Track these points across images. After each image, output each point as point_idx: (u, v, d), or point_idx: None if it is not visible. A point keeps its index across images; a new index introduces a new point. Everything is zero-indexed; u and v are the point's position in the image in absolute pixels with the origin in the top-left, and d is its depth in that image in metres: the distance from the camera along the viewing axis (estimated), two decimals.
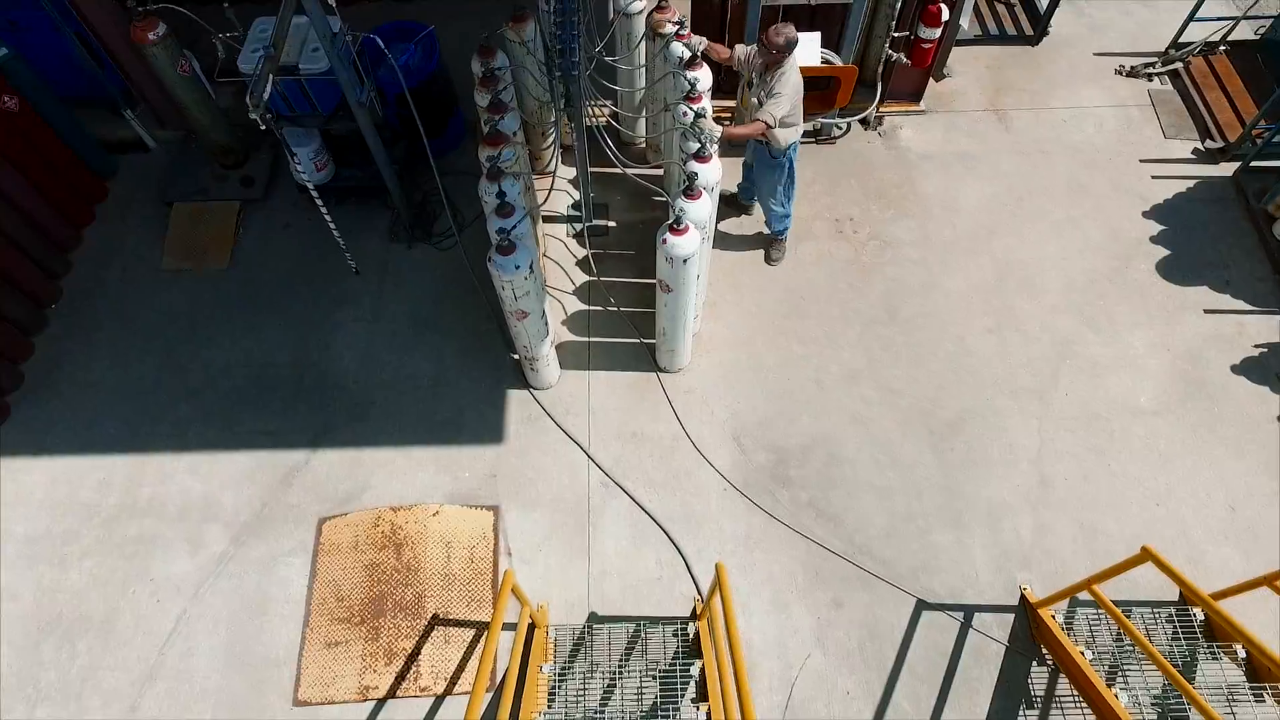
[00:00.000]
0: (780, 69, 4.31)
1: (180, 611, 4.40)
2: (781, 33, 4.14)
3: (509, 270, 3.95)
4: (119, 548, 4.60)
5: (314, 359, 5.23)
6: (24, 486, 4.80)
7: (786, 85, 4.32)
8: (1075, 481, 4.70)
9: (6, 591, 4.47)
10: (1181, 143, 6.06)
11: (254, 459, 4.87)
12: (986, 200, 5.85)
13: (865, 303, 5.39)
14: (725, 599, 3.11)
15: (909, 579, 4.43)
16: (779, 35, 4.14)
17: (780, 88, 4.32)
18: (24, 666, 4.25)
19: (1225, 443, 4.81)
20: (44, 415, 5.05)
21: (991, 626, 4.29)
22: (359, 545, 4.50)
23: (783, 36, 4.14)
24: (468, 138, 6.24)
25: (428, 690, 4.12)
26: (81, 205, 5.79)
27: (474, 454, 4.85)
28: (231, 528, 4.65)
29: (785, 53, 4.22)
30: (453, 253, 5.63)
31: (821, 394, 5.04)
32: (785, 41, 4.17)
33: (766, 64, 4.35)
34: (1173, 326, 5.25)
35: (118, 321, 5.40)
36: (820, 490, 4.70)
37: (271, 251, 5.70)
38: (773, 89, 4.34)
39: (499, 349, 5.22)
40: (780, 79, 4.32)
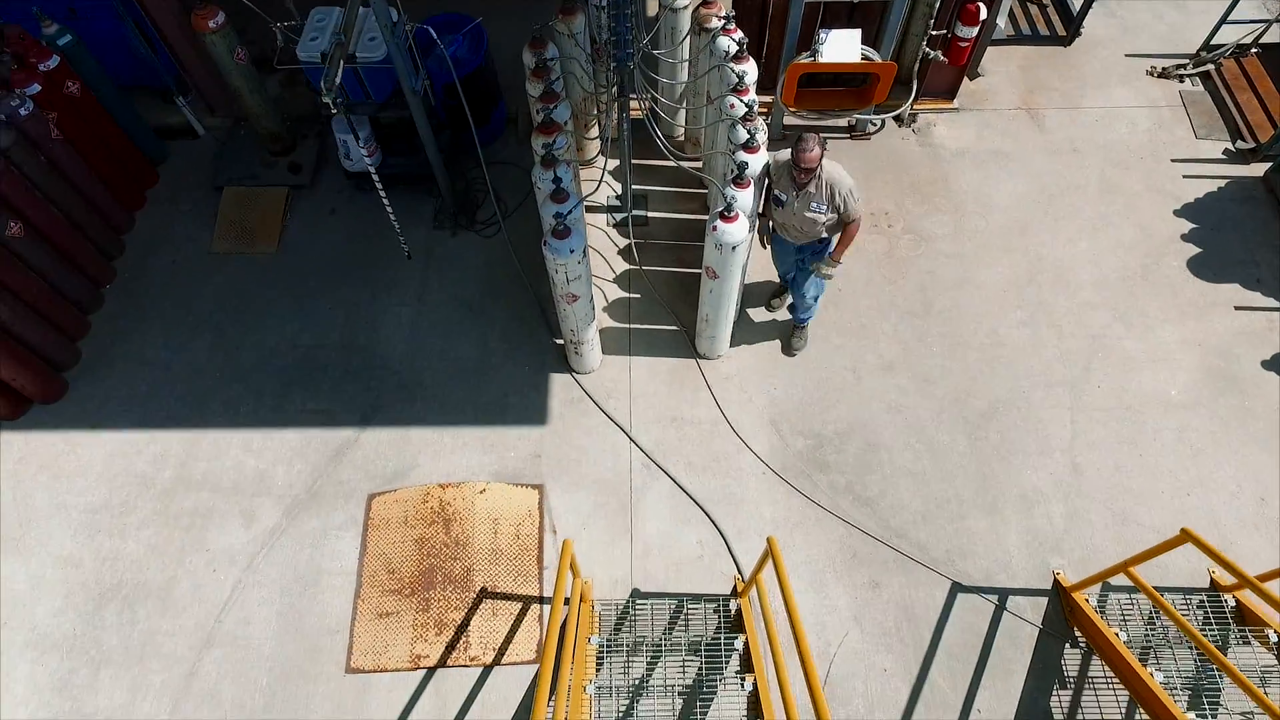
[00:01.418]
0: (821, 174, 4.13)
1: (236, 581, 4.55)
2: (813, 148, 3.96)
3: (563, 254, 4.08)
4: (175, 519, 4.74)
5: (361, 341, 5.37)
6: (83, 459, 4.95)
7: (840, 178, 4.15)
8: (1107, 471, 4.79)
9: (68, 559, 4.62)
10: (1212, 143, 6.14)
11: (304, 436, 5.01)
12: (1019, 197, 5.94)
13: (900, 295, 5.50)
14: (779, 569, 3.22)
15: (944, 562, 4.53)
16: (810, 151, 3.96)
17: (839, 185, 4.14)
18: (87, 630, 4.40)
19: (1256, 436, 4.89)
20: (100, 392, 5.21)
21: (1025, 609, 4.39)
22: (408, 520, 4.63)
23: (815, 150, 3.97)
24: (508, 130, 6.37)
25: (477, 660, 4.25)
26: (135, 189, 5.94)
27: (519, 434, 4.97)
28: (284, 502, 4.79)
29: (820, 161, 4.05)
30: (495, 240, 5.76)
31: (858, 383, 5.15)
32: (819, 153, 4.00)
33: (806, 179, 4.14)
34: (1204, 322, 5.33)
35: (170, 302, 5.55)
36: (857, 475, 4.81)
37: (318, 236, 5.85)
38: (838, 193, 4.16)
39: (542, 334, 5.35)
40: (826, 181, 4.15)
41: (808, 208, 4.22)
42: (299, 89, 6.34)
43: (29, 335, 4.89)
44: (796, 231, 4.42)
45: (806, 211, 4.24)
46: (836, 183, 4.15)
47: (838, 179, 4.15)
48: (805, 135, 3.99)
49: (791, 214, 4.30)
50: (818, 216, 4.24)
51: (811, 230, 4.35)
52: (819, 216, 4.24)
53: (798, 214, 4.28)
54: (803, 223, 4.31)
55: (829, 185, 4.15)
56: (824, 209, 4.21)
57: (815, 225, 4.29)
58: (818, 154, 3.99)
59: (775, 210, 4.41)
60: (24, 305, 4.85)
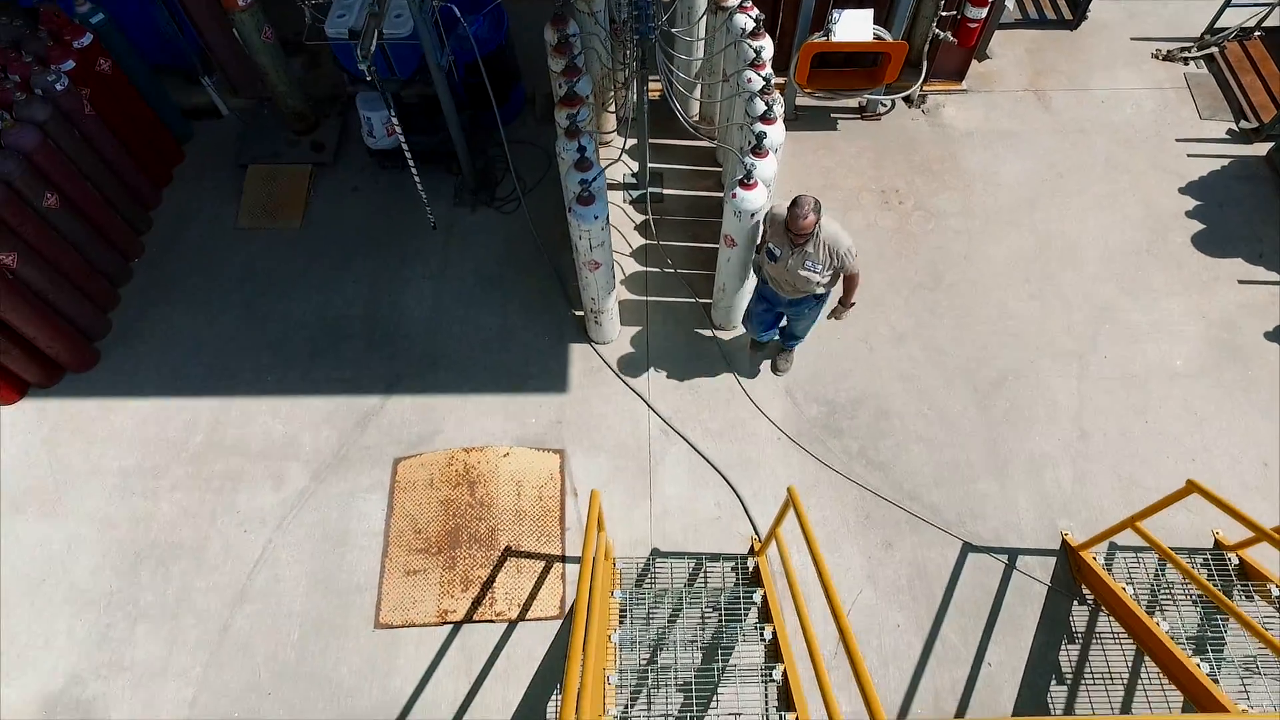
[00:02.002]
0: (820, 234, 3.97)
1: (266, 541, 4.68)
2: (808, 214, 3.79)
3: (588, 220, 4.21)
4: (206, 482, 4.88)
5: (385, 313, 5.50)
6: (116, 425, 5.09)
7: (839, 237, 4.00)
8: (1114, 437, 4.92)
9: (104, 520, 4.75)
10: (1216, 123, 6.27)
11: (331, 404, 5.14)
12: (1027, 175, 6.07)
13: (911, 269, 5.62)
14: (800, 514, 3.35)
15: (955, 524, 4.66)
16: (806, 219, 3.79)
17: (838, 244, 3.99)
18: (124, 587, 4.53)
19: (1258, 404, 5.02)
20: (132, 361, 5.34)
21: (1034, 568, 4.52)
22: (434, 483, 4.76)
23: (810, 217, 3.80)
24: (526, 110, 6.50)
25: (502, 615, 4.38)
26: (162, 166, 6.08)
27: (539, 402, 5.11)
28: (311, 466, 4.92)
29: (815, 226, 3.88)
30: (514, 216, 5.90)
31: (870, 353, 5.27)
32: (814, 220, 3.83)
33: (803, 240, 3.97)
34: (1208, 295, 5.46)
35: (198, 275, 5.69)
36: (870, 441, 4.93)
37: (341, 212, 5.98)
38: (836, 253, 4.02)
39: (561, 306, 5.48)
40: (824, 241, 3.99)
41: (802, 265, 4.05)
42: (321, 70, 6.48)
43: (63, 304, 5.03)
44: (789, 288, 4.26)
45: (801, 270, 4.06)
46: (835, 242, 3.98)
47: (836, 238, 3.98)
48: (800, 199, 3.80)
49: (785, 270, 4.13)
50: (812, 275, 4.07)
51: (805, 288, 4.18)
52: (814, 275, 4.07)
53: (791, 271, 4.10)
54: (796, 279, 4.14)
55: (827, 245, 3.99)
56: (819, 269, 4.04)
57: (809, 283, 4.13)
58: (813, 220, 3.81)
59: (767, 263, 4.22)
60: (59, 275, 4.99)
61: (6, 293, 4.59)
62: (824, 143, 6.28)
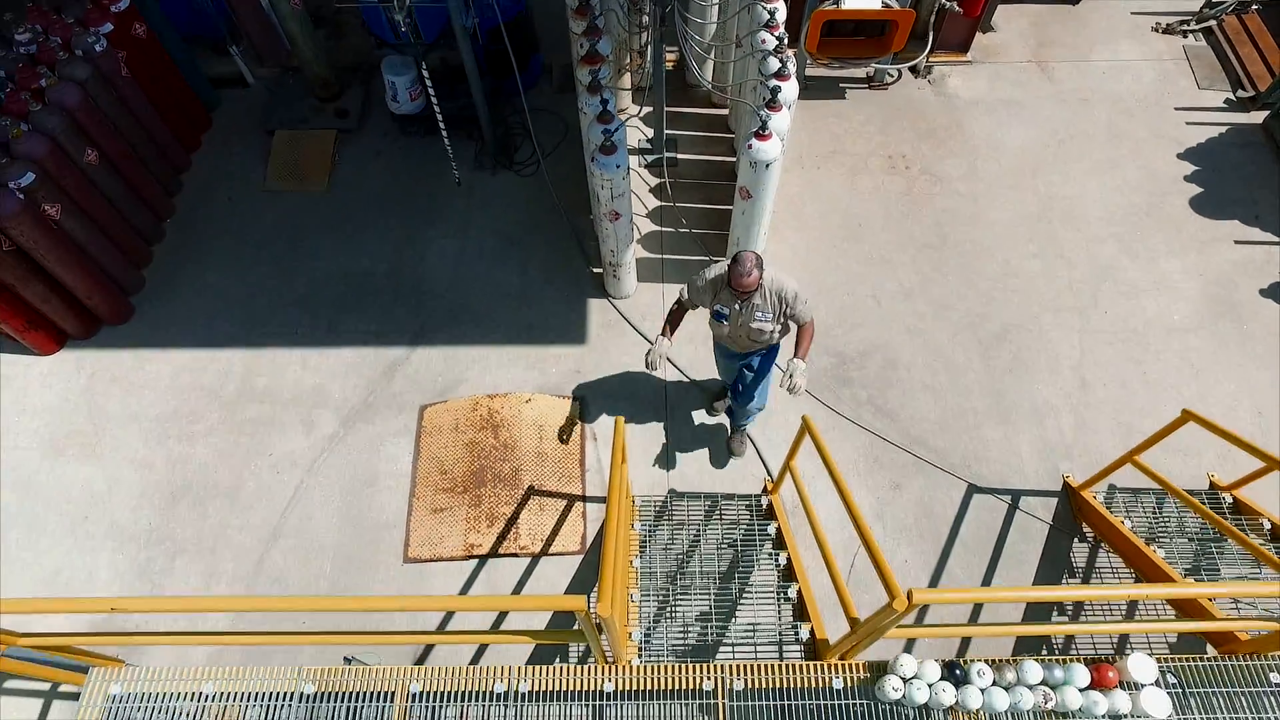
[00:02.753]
0: (764, 285, 3.79)
1: (298, 482, 4.87)
2: (750, 270, 3.57)
3: (610, 169, 4.40)
4: (239, 427, 5.07)
5: (409, 270, 5.69)
6: (151, 374, 5.28)
7: (784, 283, 3.82)
8: (1114, 387, 5.10)
9: (143, 462, 4.95)
10: (1215, 93, 6.45)
11: (358, 355, 5.33)
12: (1030, 142, 6.25)
13: (918, 230, 5.81)
14: (815, 438, 3.54)
15: (960, 467, 4.84)
16: (748, 276, 3.57)
17: (785, 290, 3.82)
18: (163, 524, 4.73)
19: (1253, 357, 5.20)
20: (165, 315, 5.54)
21: (1036, 508, 4.70)
22: (459, 427, 4.96)
23: (754, 274, 3.59)
24: (543, 80, 6.69)
25: (526, 549, 4.57)
26: (191, 132, 6.28)
27: (559, 353, 5.30)
28: (340, 413, 5.12)
29: (759, 282, 3.67)
30: (532, 180, 6.09)
31: (878, 308, 5.46)
32: (758, 276, 3.62)
33: (748, 295, 3.79)
34: (1205, 255, 5.64)
35: (228, 234, 5.88)
36: (878, 389, 5.12)
37: (366, 176, 6.18)
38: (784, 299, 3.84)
39: (579, 263, 5.67)
40: (770, 290, 3.82)
41: (753, 319, 3.89)
42: (345, 41, 6.68)
43: (102, 257, 5.22)
44: (744, 342, 4.12)
45: (753, 323, 3.91)
46: (782, 289, 3.80)
47: (782, 284, 3.81)
48: (740, 256, 3.58)
49: (737, 327, 3.98)
50: (765, 325, 3.92)
51: (760, 339, 4.03)
52: (766, 325, 3.92)
53: (743, 326, 3.95)
54: (749, 333, 3.99)
55: (774, 294, 3.82)
56: (770, 318, 3.89)
57: (764, 334, 3.98)
58: (756, 277, 3.60)
59: (716, 327, 4.09)
60: (98, 229, 5.18)
61: (51, 242, 4.79)
62: (833, 111, 6.47)
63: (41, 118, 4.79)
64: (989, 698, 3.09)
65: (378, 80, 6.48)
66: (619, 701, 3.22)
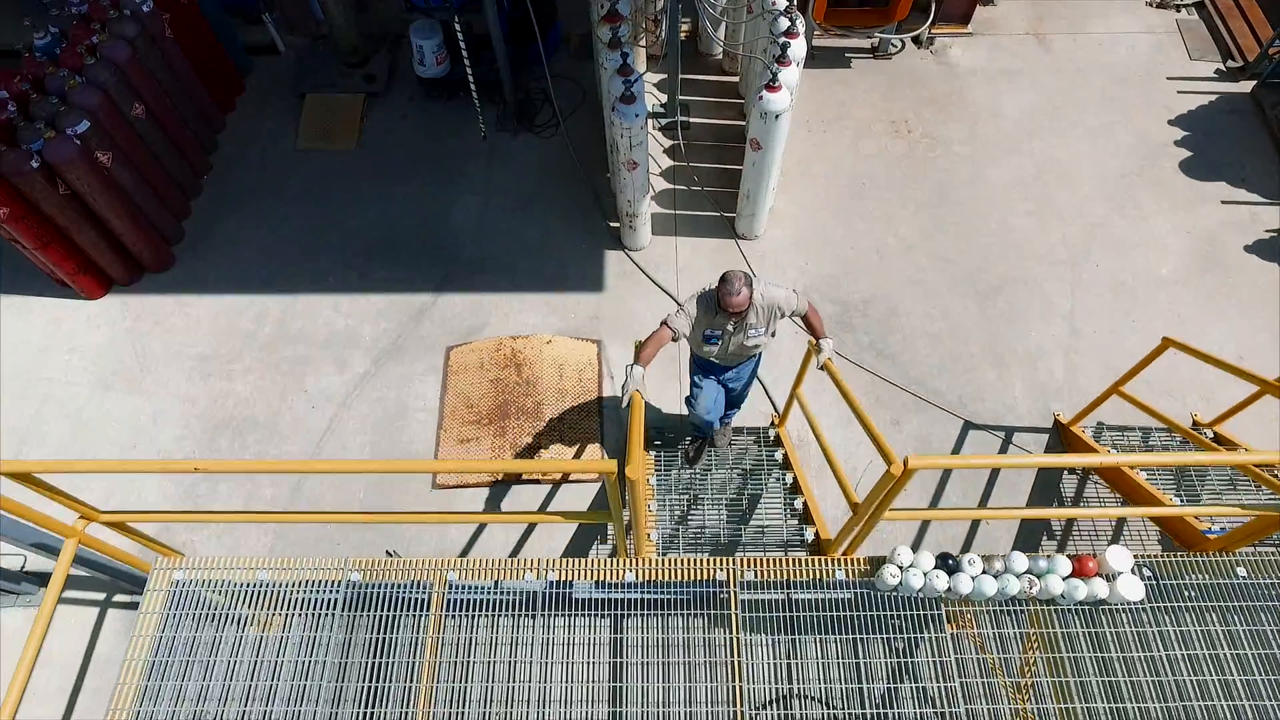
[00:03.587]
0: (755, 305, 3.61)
1: (332, 415, 5.17)
2: (740, 289, 3.43)
3: (629, 118, 4.69)
4: (276, 366, 5.37)
5: (435, 224, 6.00)
6: (192, 318, 5.59)
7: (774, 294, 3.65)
8: (1103, 334, 5.38)
9: (184, 397, 5.25)
10: (1205, 64, 6.72)
11: (387, 300, 5.64)
12: (1028, 109, 6.53)
13: (919, 189, 6.09)
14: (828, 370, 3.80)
15: (957, 406, 5.13)
16: (736, 294, 3.42)
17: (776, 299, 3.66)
18: (204, 453, 5.03)
19: (1237, 307, 5.47)
20: (204, 263, 5.85)
21: (1028, 443, 4.99)
22: (484, 365, 5.25)
23: (742, 293, 3.44)
24: (561, 49, 6.99)
25: (547, 476, 4.86)
26: (226, 94, 6.59)
27: (578, 300, 5.59)
28: (371, 353, 5.42)
29: (749, 298, 3.50)
30: (552, 141, 6.38)
31: (881, 261, 5.75)
32: (748, 294, 3.47)
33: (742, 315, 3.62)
34: (1193, 213, 5.92)
35: (262, 190, 6.19)
36: (880, 335, 5.41)
37: (393, 137, 6.48)
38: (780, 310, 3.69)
39: (596, 218, 5.97)
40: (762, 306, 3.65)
41: (747, 336, 3.77)
42: (372, 10, 6.97)
43: (146, 206, 5.53)
44: (734, 357, 4.00)
45: (747, 340, 3.79)
46: (774, 301, 3.65)
47: (774, 297, 3.65)
48: (728, 275, 3.44)
49: (728, 345, 3.83)
50: (759, 340, 3.82)
51: (752, 350, 3.94)
52: (761, 339, 3.83)
53: (735, 344, 3.82)
54: (741, 349, 3.87)
55: (766, 309, 3.67)
56: (763, 330, 3.77)
57: (757, 346, 3.90)
58: (746, 295, 3.45)
59: (705, 350, 3.89)
60: (143, 179, 5.49)
61: (103, 188, 5.09)
62: (839, 79, 6.75)
63: (94, 71, 5.09)
64: (979, 584, 3.37)
65: (403, 48, 6.78)
66: (636, 613, 3.49)
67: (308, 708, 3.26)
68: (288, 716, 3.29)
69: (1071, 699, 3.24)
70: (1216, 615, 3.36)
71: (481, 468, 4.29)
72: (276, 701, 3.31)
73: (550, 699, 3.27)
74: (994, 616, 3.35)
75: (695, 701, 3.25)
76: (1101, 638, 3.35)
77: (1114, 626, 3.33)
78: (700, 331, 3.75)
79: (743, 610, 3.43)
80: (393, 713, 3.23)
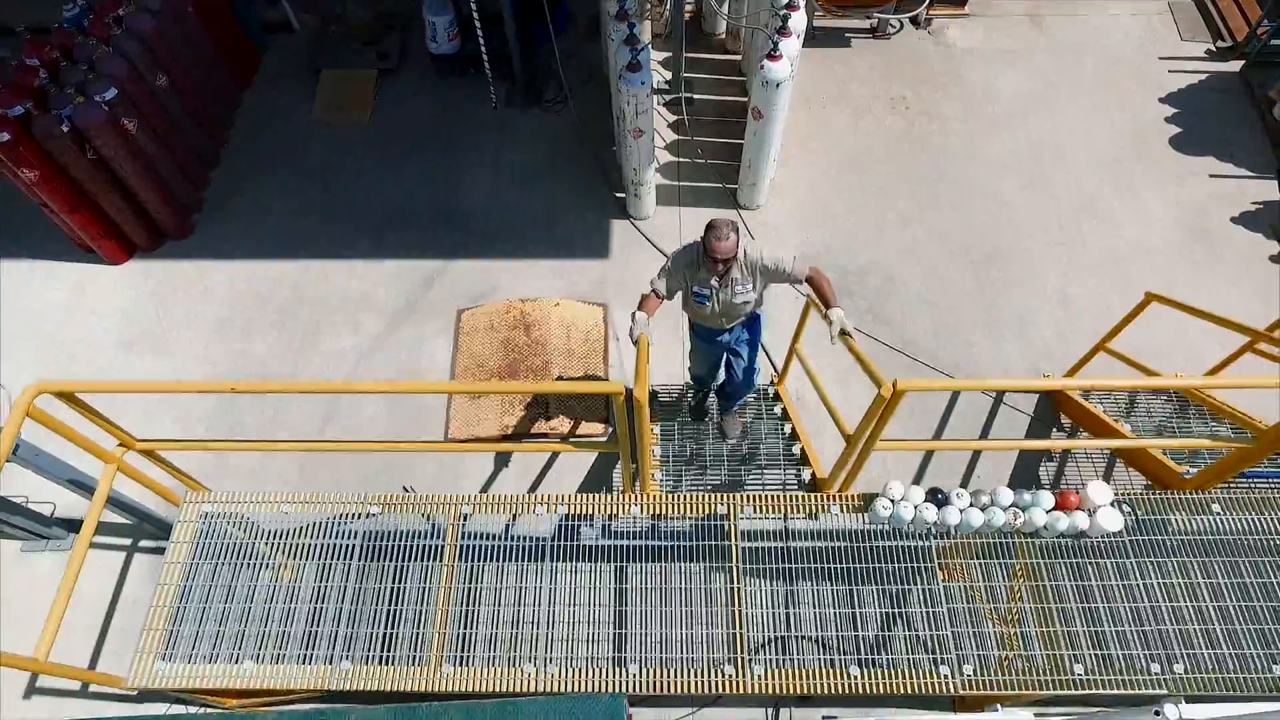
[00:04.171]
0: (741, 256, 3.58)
1: (347, 374, 5.36)
2: (728, 235, 3.41)
3: (635, 85, 4.88)
4: (293, 328, 5.57)
5: (445, 194, 6.19)
6: (211, 283, 5.79)
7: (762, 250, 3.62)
8: (1093, 300, 5.56)
9: (205, 357, 5.45)
10: (1196, 44, 6.90)
11: (399, 266, 5.83)
12: (1023, 88, 6.71)
13: (916, 164, 6.28)
14: None
15: (951, 367, 5.30)
16: (725, 240, 3.40)
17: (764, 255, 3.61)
18: (225, 410, 5.22)
19: (1223, 276, 5.65)
20: (222, 231, 6.04)
21: (1019, 402, 5.17)
22: (494, 326, 5.44)
23: (731, 238, 3.42)
24: (569, 29, 7.18)
25: (555, 430, 5.05)
26: (244, 71, 6.79)
27: (584, 265, 5.78)
28: (385, 316, 5.61)
29: (736, 244, 3.48)
30: (559, 116, 6.58)
31: (879, 232, 5.93)
32: (735, 240, 3.45)
33: (726, 267, 3.58)
34: (1182, 188, 6.09)
35: (278, 161, 6.39)
36: (877, 301, 5.59)
37: (405, 112, 6.67)
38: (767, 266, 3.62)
39: (603, 190, 6.16)
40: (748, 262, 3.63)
41: (735, 295, 3.72)
42: None
43: (168, 174, 5.73)
44: (726, 319, 3.94)
45: (735, 298, 3.74)
46: (759, 258, 3.61)
47: (758, 253, 3.62)
48: (715, 221, 3.45)
49: (717, 305, 3.79)
50: (748, 297, 3.75)
51: (744, 310, 3.87)
52: (750, 296, 3.75)
53: (724, 303, 3.78)
54: (731, 309, 3.82)
55: (749, 264, 3.63)
56: (751, 287, 3.72)
57: (747, 305, 3.83)
58: (734, 241, 3.43)
59: (697, 310, 3.88)
60: (166, 148, 5.69)
61: (128, 154, 5.29)
62: (838, 58, 6.94)
63: (121, 42, 5.30)
64: (966, 516, 3.56)
65: (414, 29, 6.98)
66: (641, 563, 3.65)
67: (325, 628, 3.46)
68: (307, 636, 3.49)
69: (1053, 623, 3.43)
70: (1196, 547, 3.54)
71: (498, 390, 4.54)
72: (296, 622, 3.51)
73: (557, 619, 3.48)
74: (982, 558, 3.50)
75: (695, 619, 3.44)
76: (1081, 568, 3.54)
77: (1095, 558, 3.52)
78: (689, 289, 3.76)
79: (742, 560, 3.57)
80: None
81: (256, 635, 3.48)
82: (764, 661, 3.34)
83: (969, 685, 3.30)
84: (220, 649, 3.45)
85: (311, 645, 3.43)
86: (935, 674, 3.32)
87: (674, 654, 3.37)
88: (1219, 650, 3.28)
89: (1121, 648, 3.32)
